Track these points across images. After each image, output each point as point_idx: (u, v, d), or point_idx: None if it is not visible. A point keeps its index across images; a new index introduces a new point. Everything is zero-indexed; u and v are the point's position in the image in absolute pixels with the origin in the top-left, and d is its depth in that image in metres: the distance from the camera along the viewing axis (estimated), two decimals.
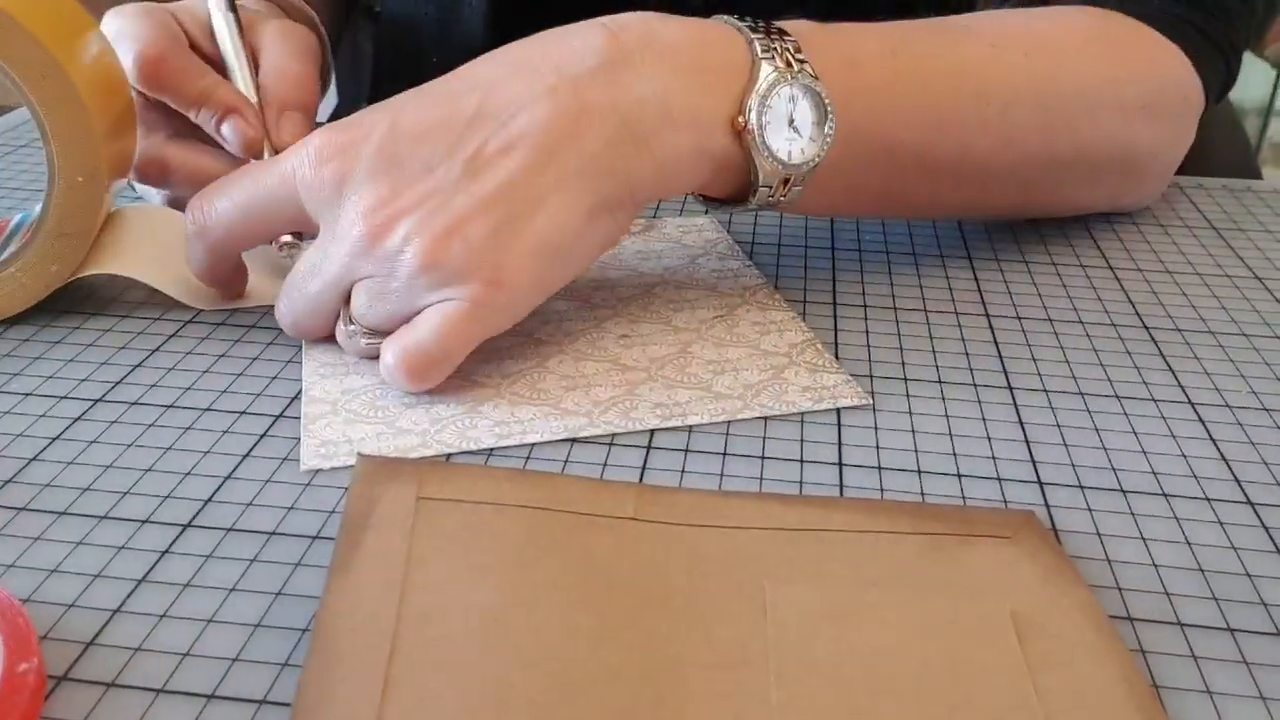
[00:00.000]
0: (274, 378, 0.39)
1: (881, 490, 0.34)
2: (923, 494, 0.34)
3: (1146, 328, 0.44)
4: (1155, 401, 0.39)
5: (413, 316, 0.37)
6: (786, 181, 0.41)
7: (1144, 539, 0.32)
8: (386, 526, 0.29)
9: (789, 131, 0.40)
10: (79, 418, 0.36)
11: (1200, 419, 0.38)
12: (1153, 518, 0.33)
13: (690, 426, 0.36)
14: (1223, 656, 0.28)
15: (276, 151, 0.45)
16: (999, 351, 0.42)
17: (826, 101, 0.40)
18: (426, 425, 0.36)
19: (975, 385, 0.40)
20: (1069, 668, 0.26)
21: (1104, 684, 0.26)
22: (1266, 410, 0.39)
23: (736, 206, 0.43)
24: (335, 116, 0.87)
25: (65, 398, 0.37)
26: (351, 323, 0.38)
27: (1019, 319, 0.45)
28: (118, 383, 0.38)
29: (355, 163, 0.37)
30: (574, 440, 0.35)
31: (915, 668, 0.26)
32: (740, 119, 0.39)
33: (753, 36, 0.40)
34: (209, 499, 0.32)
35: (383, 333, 0.38)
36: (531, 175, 0.37)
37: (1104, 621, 0.28)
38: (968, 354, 0.42)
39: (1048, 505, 0.33)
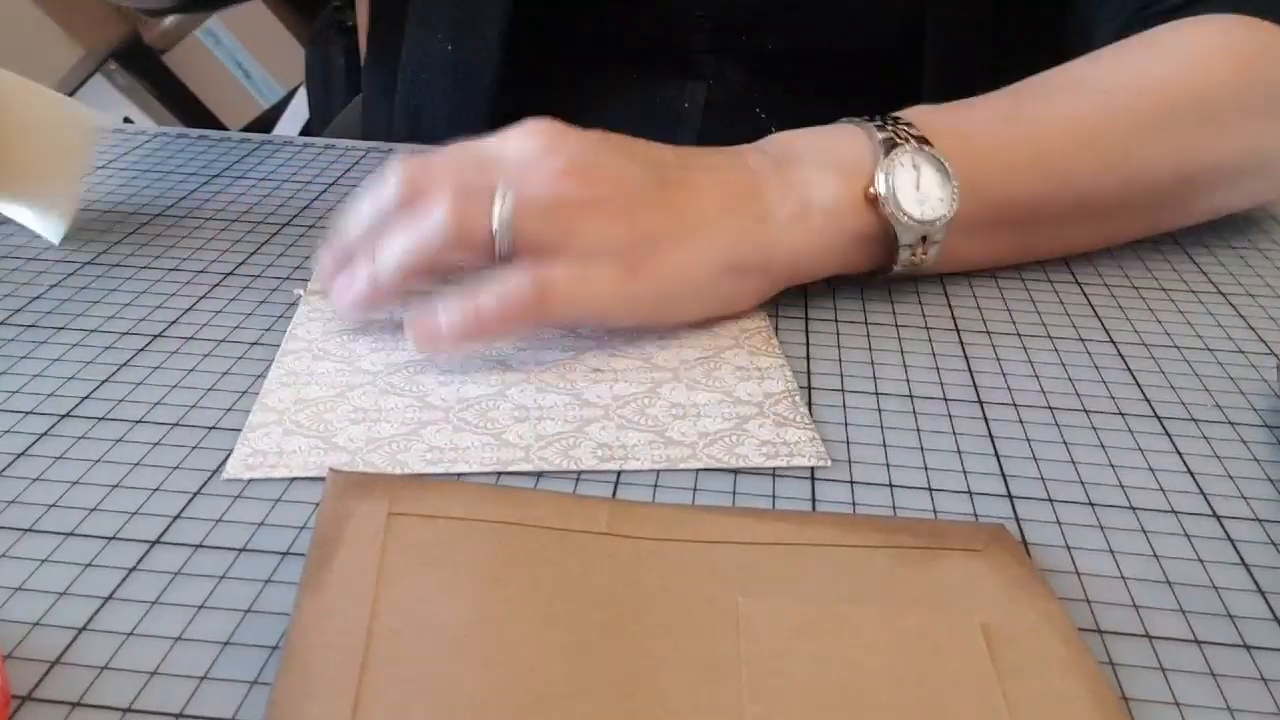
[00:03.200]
0: (243, 393, 0.39)
1: (853, 504, 0.34)
2: (894, 507, 0.34)
3: (1113, 342, 0.45)
4: (1122, 415, 0.39)
5: (544, 256, 0.39)
6: (924, 239, 0.45)
7: (1112, 552, 0.32)
8: (358, 542, 0.29)
9: (918, 195, 0.44)
10: (45, 433, 0.36)
11: (1166, 433, 0.38)
12: (1121, 531, 0.33)
13: (623, 471, 0.35)
14: (1190, 668, 0.28)
15: None
16: (969, 366, 0.42)
17: (945, 164, 0.44)
18: (361, 444, 0.36)
19: (946, 399, 0.40)
20: (1039, 680, 0.26)
21: (1074, 696, 0.26)
22: (1231, 424, 0.39)
23: (880, 275, 0.47)
24: (307, 129, 0.86)
25: (31, 413, 0.37)
26: (506, 188, 0.39)
27: (988, 334, 0.45)
28: (85, 398, 0.38)
29: (567, 138, 0.41)
30: (500, 473, 0.35)
31: (887, 681, 0.26)
32: (871, 190, 0.44)
33: (871, 125, 0.45)
34: (177, 515, 0.32)
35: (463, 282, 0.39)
36: (701, 209, 0.42)
37: (1074, 634, 0.28)
38: (938, 368, 0.42)
39: (1018, 518, 0.34)
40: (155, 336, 0.42)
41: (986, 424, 0.38)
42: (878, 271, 0.47)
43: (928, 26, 0.58)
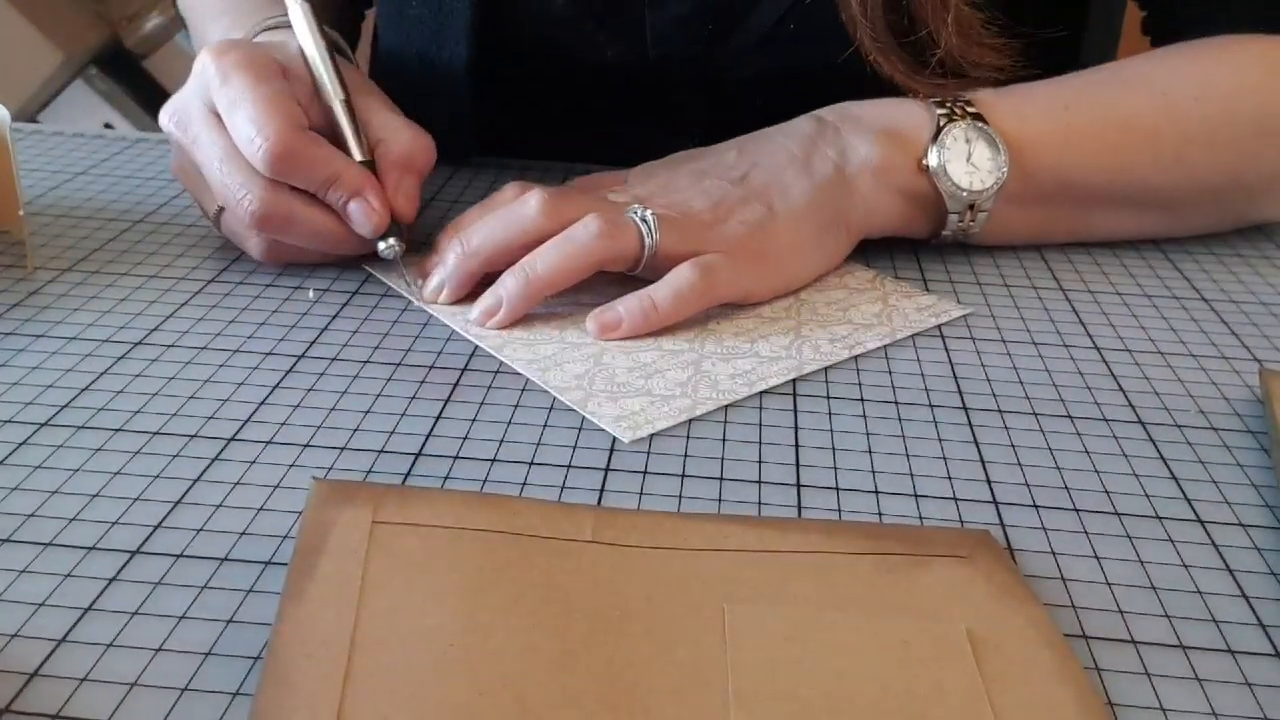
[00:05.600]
0: (225, 400, 0.38)
1: (839, 511, 0.34)
2: (880, 514, 0.34)
3: (1098, 348, 0.45)
4: (1107, 421, 0.39)
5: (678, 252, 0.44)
6: (972, 208, 0.49)
7: (1097, 557, 0.32)
8: (341, 551, 0.29)
9: (968, 166, 0.48)
10: (23, 442, 0.35)
11: (1151, 438, 0.38)
12: (1106, 536, 0.33)
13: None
14: (1175, 673, 0.28)
15: (395, 218, 0.46)
16: (954, 372, 0.42)
17: (997, 139, 0.49)
18: (674, 389, 0.39)
19: (931, 406, 0.40)
20: (1025, 686, 0.26)
21: (1060, 702, 0.26)
22: (1215, 429, 0.39)
23: (935, 238, 0.51)
24: None
25: (9, 422, 0.36)
26: (642, 206, 0.44)
27: (972, 339, 0.45)
28: (64, 406, 0.37)
29: (650, 175, 0.49)
30: (798, 379, 0.41)
31: (873, 688, 0.26)
32: (924, 161, 0.49)
33: (931, 101, 0.50)
34: (158, 524, 0.32)
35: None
36: (782, 185, 0.47)
37: (1059, 640, 0.28)
38: (923, 375, 0.42)
39: (1003, 525, 0.34)
40: (135, 344, 0.42)
41: (971, 430, 0.38)
42: (932, 236, 0.51)
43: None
